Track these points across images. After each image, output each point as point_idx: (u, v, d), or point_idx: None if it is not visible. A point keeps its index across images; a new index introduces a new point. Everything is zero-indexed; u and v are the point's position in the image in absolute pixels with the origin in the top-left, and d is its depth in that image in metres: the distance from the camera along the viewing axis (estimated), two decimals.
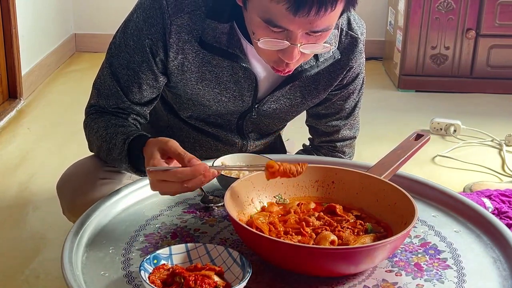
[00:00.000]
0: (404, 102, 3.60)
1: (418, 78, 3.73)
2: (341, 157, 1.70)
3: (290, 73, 1.36)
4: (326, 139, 1.68)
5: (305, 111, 1.68)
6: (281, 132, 1.79)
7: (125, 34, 1.45)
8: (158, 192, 1.22)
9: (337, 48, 1.49)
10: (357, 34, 1.51)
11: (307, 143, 1.77)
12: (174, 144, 1.21)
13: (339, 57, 1.50)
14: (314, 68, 1.47)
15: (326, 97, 1.58)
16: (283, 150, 1.81)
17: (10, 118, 3.17)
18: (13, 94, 3.32)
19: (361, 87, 1.61)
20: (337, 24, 1.46)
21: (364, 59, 1.58)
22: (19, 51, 3.29)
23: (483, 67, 3.68)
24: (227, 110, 1.54)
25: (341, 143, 1.68)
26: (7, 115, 3.17)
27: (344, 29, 1.50)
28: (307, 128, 1.73)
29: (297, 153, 1.76)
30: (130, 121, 1.48)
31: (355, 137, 1.70)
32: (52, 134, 2.99)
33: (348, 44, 1.51)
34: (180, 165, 1.19)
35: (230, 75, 1.47)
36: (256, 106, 1.52)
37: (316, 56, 1.46)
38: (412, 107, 3.52)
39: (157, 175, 1.19)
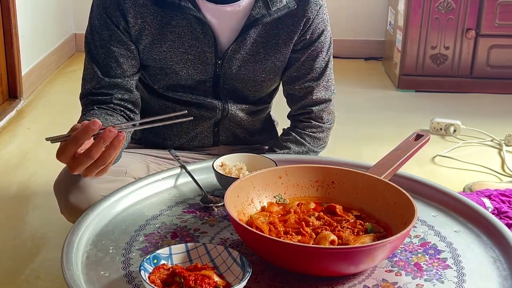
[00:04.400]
0: (404, 102, 3.60)
1: (418, 78, 3.73)
2: (319, 125, 1.69)
3: None
4: (301, 104, 1.68)
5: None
6: (271, 112, 1.80)
7: (91, 18, 1.56)
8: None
9: None
10: None
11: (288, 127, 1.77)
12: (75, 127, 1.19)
13: (295, 7, 1.55)
14: (266, 17, 1.53)
15: (294, 56, 1.62)
16: (273, 133, 1.82)
17: (10, 118, 3.17)
18: (13, 94, 3.32)
19: (329, 47, 1.65)
20: None
21: (327, 16, 1.63)
22: (19, 51, 3.29)
23: (483, 67, 3.68)
24: (197, 72, 1.58)
25: (317, 107, 1.68)
26: (7, 115, 3.17)
27: None
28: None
29: (279, 137, 1.74)
30: (113, 105, 1.53)
31: (330, 100, 1.70)
32: (52, 134, 2.98)
33: None
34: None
35: (190, 32, 1.54)
36: (219, 62, 1.57)
37: (267, 6, 1.52)
38: (412, 107, 3.52)
39: (62, 157, 1.17)
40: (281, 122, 1.86)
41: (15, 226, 2.24)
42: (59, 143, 1.19)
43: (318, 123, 1.70)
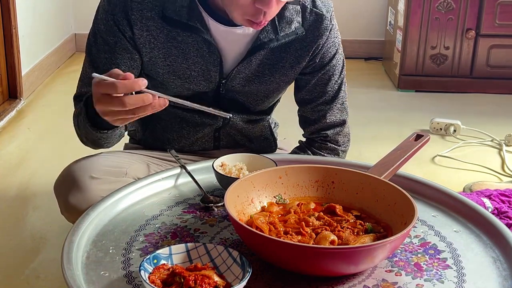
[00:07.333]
0: (404, 102, 3.60)
1: (418, 78, 3.73)
2: (335, 148, 1.69)
3: (264, 25, 1.40)
4: (315, 127, 1.67)
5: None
6: (270, 120, 1.79)
7: (96, 20, 1.52)
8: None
9: (302, 25, 1.53)
10: (321, 12, 1.55)
11: (303, 140, 1.77)
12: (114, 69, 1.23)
13: (304, 33, 1.53)
14: (273, 42, 1.51)
15: (304, 78, 1.61)
16: (272, 140, 1.79)
17: (10, 118, 3.17)
18: (13, 94, 3.32)
19: (342, 69, 1.63)
20: (300, 1, 1.52)
21: (339, 38, 1.60)
22: (19, 51, 3.29)
23: (483, 67, 3.68)
24: (199, 88, 1.57)
25: (331, 131, 1.67)
26: (7, 115, 3.17)
27: (309, 6, 1.54)
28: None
29: (292, 151, 1.75)
30: None
31: (344, 122, 1.69)
32: (52, 134, 2.99)
33: (313, 21, 1.54)
34: None
35: (196, 50, 1.51)
36: (223, 81, 1.56)
37: (276, 31, 1.50)
38: (412, 107, 3.52)
39: (100, 88, 1.20)
40: (282, 122, 1.86)
41: (15, 226, 2.24)
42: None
43: (333, 145, 1.69)
